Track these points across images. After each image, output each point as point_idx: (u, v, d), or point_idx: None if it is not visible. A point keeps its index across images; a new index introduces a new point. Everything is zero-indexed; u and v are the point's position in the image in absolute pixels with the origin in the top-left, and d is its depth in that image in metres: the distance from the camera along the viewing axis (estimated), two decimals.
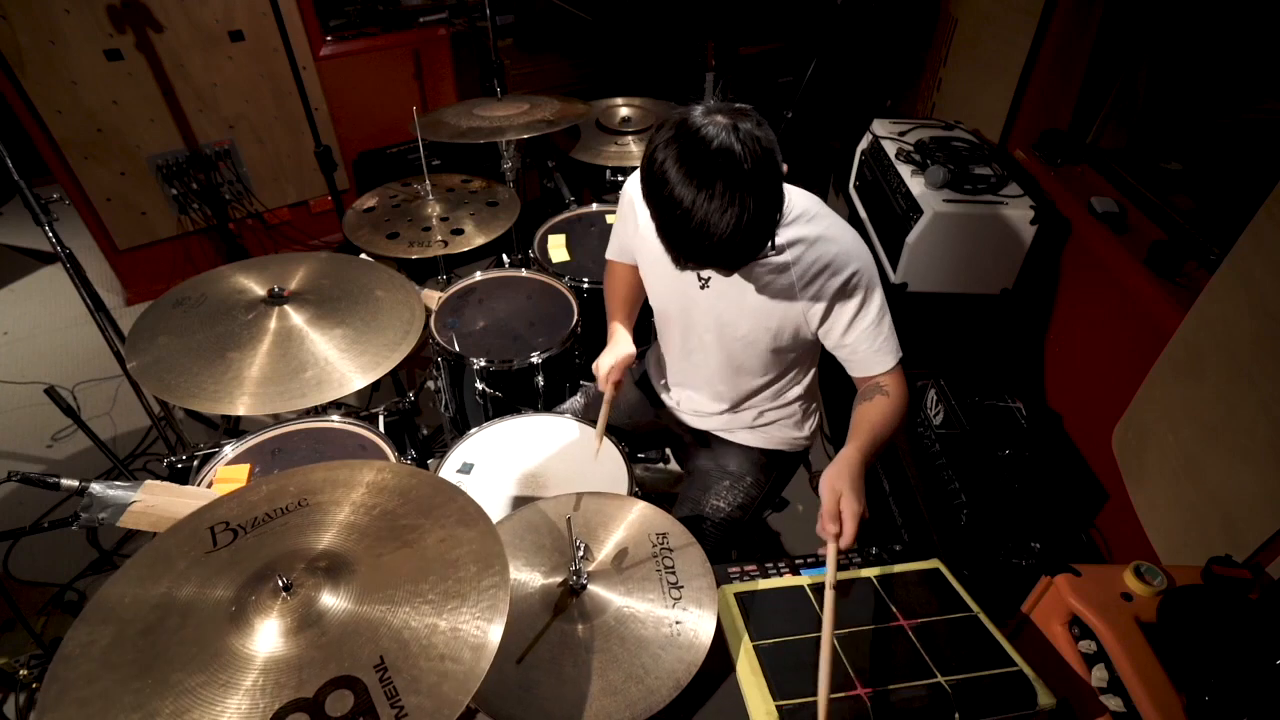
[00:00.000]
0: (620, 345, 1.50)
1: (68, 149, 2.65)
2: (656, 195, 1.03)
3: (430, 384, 2.09)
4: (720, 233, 0.99)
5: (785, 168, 1.07)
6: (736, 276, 1.28)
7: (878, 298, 1.27)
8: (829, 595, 1.02)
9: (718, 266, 1.11)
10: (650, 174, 1.04)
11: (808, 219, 1.25)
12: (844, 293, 1.25)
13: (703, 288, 1.32)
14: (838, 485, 1.13)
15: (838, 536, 1.09)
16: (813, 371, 1.52)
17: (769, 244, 1.10)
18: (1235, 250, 1.37)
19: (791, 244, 1.24)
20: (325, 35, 3.04)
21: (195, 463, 1.53)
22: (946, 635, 1.02)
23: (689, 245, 1.04)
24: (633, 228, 1.41)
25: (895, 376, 1.31)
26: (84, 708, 0.74)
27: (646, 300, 1.52)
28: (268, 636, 0.80)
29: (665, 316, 1.49)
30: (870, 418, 1.27)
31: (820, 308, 1.27)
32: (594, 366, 1.49)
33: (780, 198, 1.06)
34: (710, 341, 1.41)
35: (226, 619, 0.82)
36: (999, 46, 2.39)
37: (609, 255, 1.61)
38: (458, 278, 2.04)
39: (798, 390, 1.51)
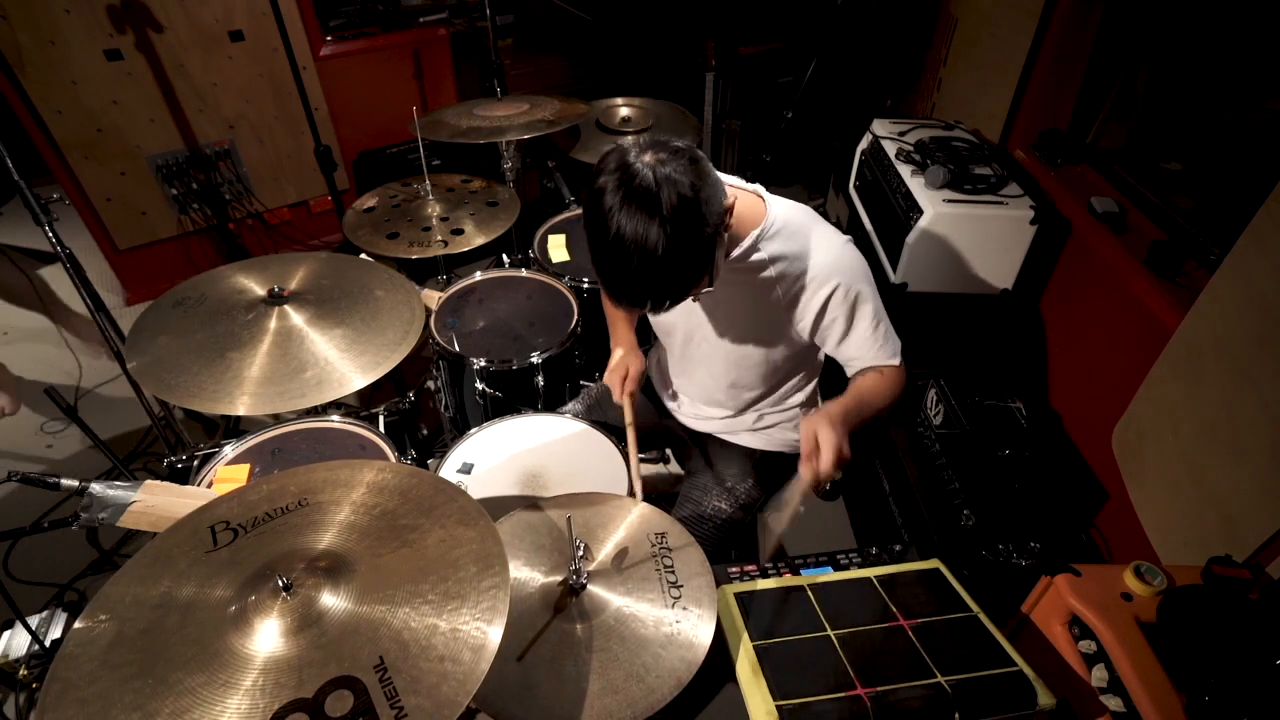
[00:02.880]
0: (630, 355, 1.50)
1: (68, 149, 2.65)
2: (588, 221, 1.05)
3: (430, 384, 2.09)
4: (633, 267, 1.01)
5: (732, 200, 1.09)
6: (728, 289, 1.28)
7: (869, 308, 1.26)
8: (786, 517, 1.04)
9: (633, 302, 1.10)
10: (588, 199, 1.05)
11: (790, 232, 1.25)
12: (831, 306, 1.25)
13: (695, 300, 1.32)
14: (813, 423, 1.13)
15: (816, 475, 1.10)
16: (815, 379, 1.52)
17: (702, 282, 1.10)
18: (1235, 250, 1.37)
19: (775, 259, 1.24)
20: (325, 35, 3.03)
21: (195, 463, 1.53)
22: (946, 635, 1.02)
23: (609, 276, 1.06)
24: None
25: (894, 368, 1.31)
26: (84, 708, 0.74)
27: None
28: (268, 636, 0.80)
29: (663, 326, 1.49)
30: (859, 385, 1.28)
31: (809, 320, 1.27)
32: (607, 379, 1.49)
33: (702, 242, 1.05)
34: (707, 352, 1.41)
35: (226, 619, 0.82)
36: (999, 46, 2.39)
37: None
38: (458, 278, 2.04)
39: (800, 397, 1.51)
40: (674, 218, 0.99)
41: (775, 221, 1.24)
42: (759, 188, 1.28)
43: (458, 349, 1.79)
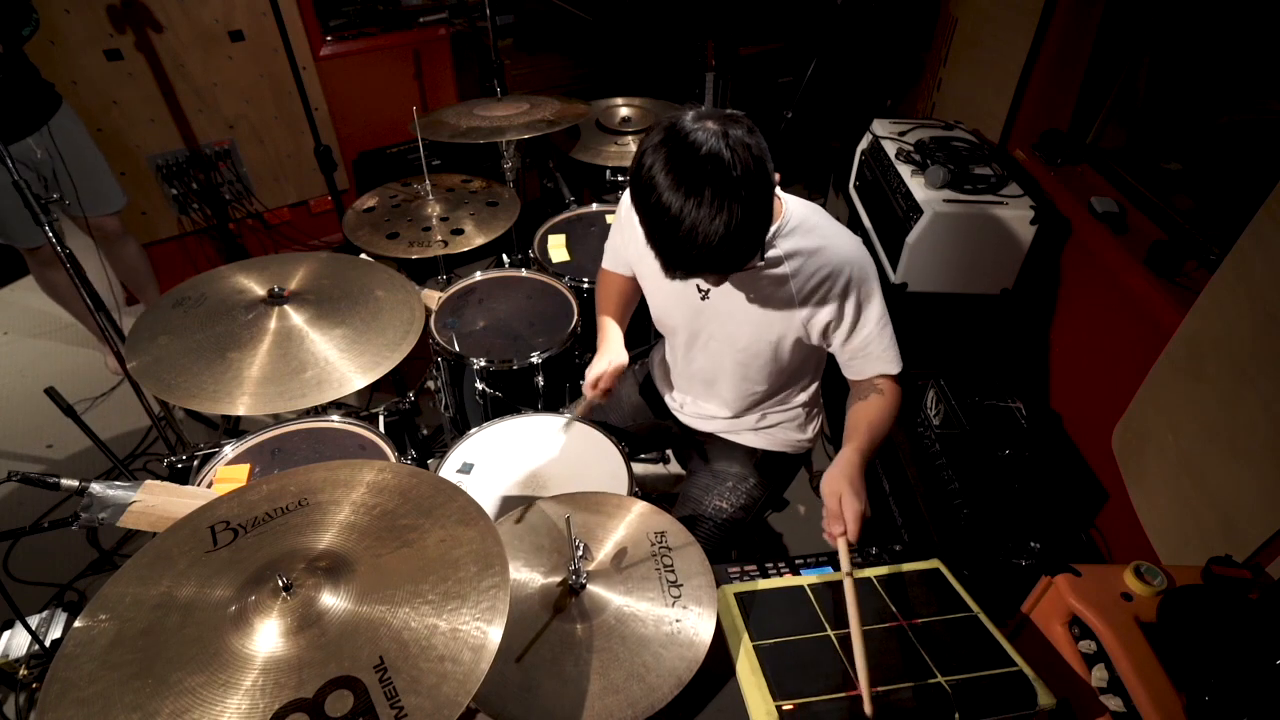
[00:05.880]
0: (613, 352, 1.48)
1: None
2: (644, 201, 1.02)
3: (430, 384, 2.09)
4: (707, 241, 0.98)
5: (778, 176, 1.06)
6: (737, 288, 1.27)
7: (877, 306, 1.27)
8: (848, 584, 1.02)
9: (705, 275, 1.09)
10: (638, 179, 1.02)
11: (806, 229, 1.24)
12: (844, 302, 1.25)
13: (703, 298, 1.31)
14: (837, 487, 1.15)
15: (844, 534, 1.11)
16: (818, 380, 1.52)
17: (759, 253, 1.09)
18: (1235, 250, 1.37)
19: (790, 255, 1.24)
20: (325, 35, 3.03)
21: (195, 463, 1.53)
22: (946, 635, 1.02)
23: (676, 253, 1.03)
24: (632, 238, 1.40)
25: (891, 380, 1.32)
26: (84, 708, 0.74)
27: (644, 300, 1.52)
28: (268, 636, 0.80)
29: (667, 326, 1.48)
30: (868, 417, 1.27)
31: (821, 320, 1.27)
32: (586, 373, 1.48)
33: (770, 206, 1.05)
34: (713, 351, 1.41)
35: (226, 619, 0.82)
36: (999, 46, 2.39)
37: (605, 266, 1.59)
38: (458, 278, 2.04)
39: (803, 397, 1.51)
40: (748, 182, 0.97)
41: (791, 218, 1.24)
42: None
43: (458, 349, 1.79)
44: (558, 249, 2.17)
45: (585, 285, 1.99)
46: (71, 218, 2.37)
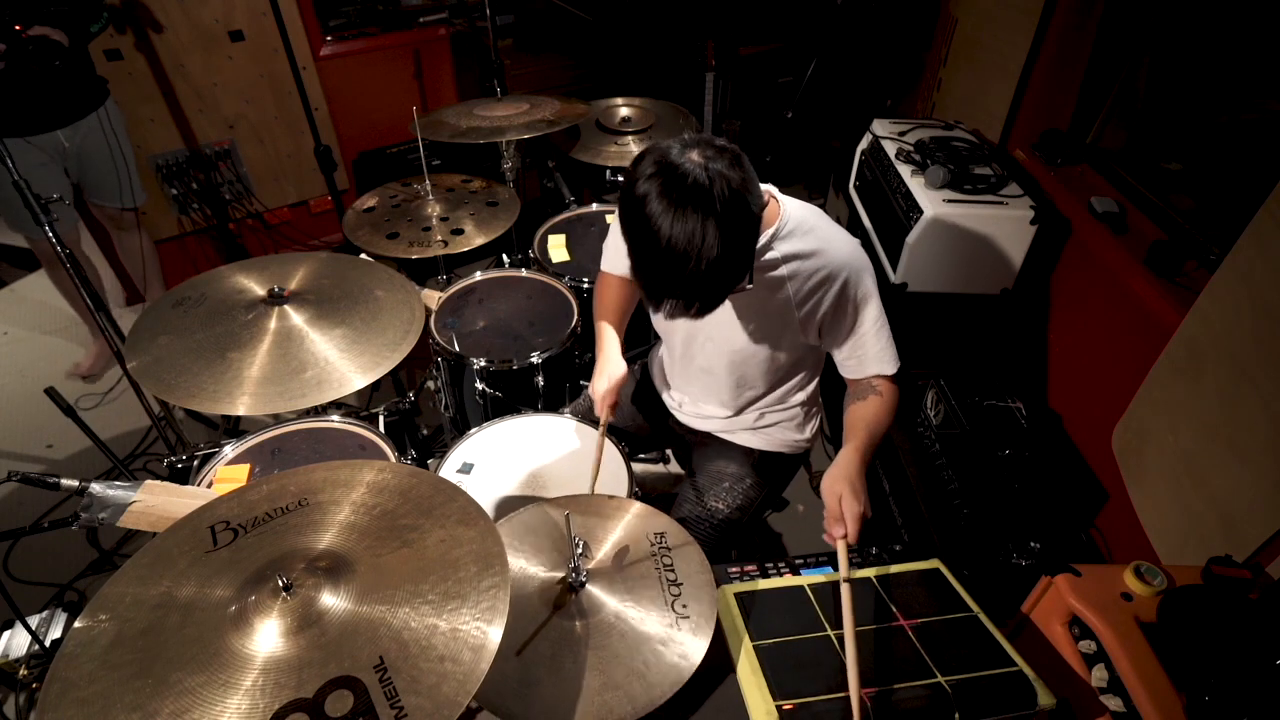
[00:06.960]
0: (612, 366, 1.48)
1: None
2: (633, 227, 1.04)
3: (430, 384, 2.09)
4: (689, 269, 1.00)
5: (768, 197, 1.07)
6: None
7: (875, 306, 1.27)
8: (845, 589, 1.03)
9: (685, 304, 1.08)
10: (629, 207, 1.04)
11: (804, 232, 1.25)
12: (841, 303, 1.26)
13: None
14: (837, 488, 1.16)
15: (844, 536, 1.12)
16: (816, 379, 1.52)
17: (745, 281, 1.10)
18: (1235, 250, 1.37)
19: (788, 259, 1.24)
20: (325, 35, 3.03)
21: (195, 463, 1.53)
22: (946, 635, 1.02)
23: (659, 279, 1.04)
24: None
25: (888, 380, 1.32)
26: (84, 708, 0.74)
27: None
28: (268, 636, 0.80)
29: (664, 325, 1.48)
30: (865, 417, 1.28)
31: (818, 320, 1.28)
32: (590, 390, 1.49)
33: (752, 239, 1.06)
34: (711, 351, 1.41)
35: (226, 619, 0.82)
36: (999, 46, 2.40)
37: (604, 267, 1.58)
38: (458, 278, 2.04)
39: (801, 396, 1.51)
40: (727, 215, 0.99)
41: (789, 221, 1.24)
42: (771, 187, 1.27)
43: (458, 349, 1.79)
44: (558, 249, 2.17)
45: (585, 285, 1.99)
46: (95, 206, 2.45)
